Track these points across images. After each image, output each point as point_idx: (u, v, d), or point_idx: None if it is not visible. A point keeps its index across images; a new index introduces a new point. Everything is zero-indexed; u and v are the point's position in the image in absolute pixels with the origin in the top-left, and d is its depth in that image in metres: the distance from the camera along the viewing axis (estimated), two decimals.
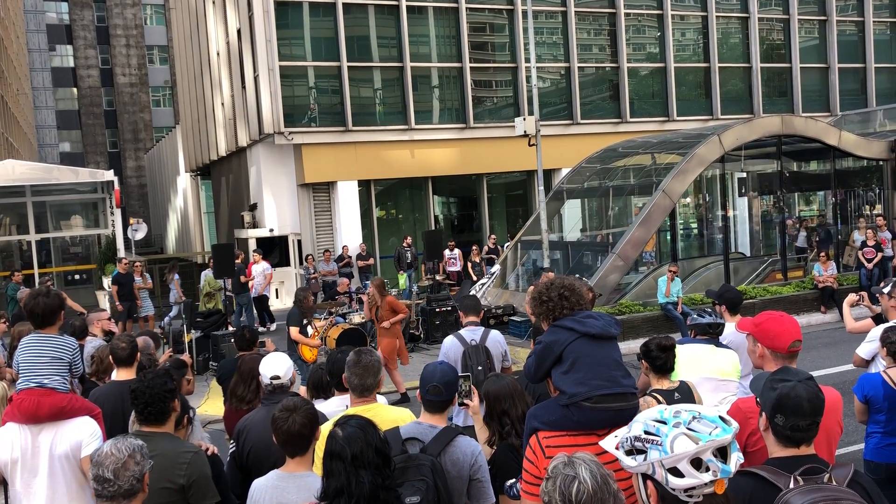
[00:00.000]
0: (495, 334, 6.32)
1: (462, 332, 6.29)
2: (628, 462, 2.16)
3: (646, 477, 2.15)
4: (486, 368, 6.02)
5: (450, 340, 6.24)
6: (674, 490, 2.08)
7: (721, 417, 2.14)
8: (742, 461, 2.15)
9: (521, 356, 12.68)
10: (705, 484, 2.06)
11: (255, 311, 17.30)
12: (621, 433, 2.24)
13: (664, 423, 2.13)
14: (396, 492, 2.85)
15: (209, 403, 10.73)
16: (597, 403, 3.07)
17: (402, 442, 3.41)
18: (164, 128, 53.99)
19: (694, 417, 2.12)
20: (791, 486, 2.43)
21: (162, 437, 3.72)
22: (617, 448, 2.21)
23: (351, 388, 4.03)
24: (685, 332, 13.37)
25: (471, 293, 16.78)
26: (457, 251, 19.51)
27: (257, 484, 3.40)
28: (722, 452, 2.09)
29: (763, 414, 2.67)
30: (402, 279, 19.80)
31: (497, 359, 6.21)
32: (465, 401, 3.98)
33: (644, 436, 2.14)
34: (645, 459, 2.11)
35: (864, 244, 16.26)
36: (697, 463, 2.06)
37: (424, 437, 3.46)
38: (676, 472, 2.07)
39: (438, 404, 3.60)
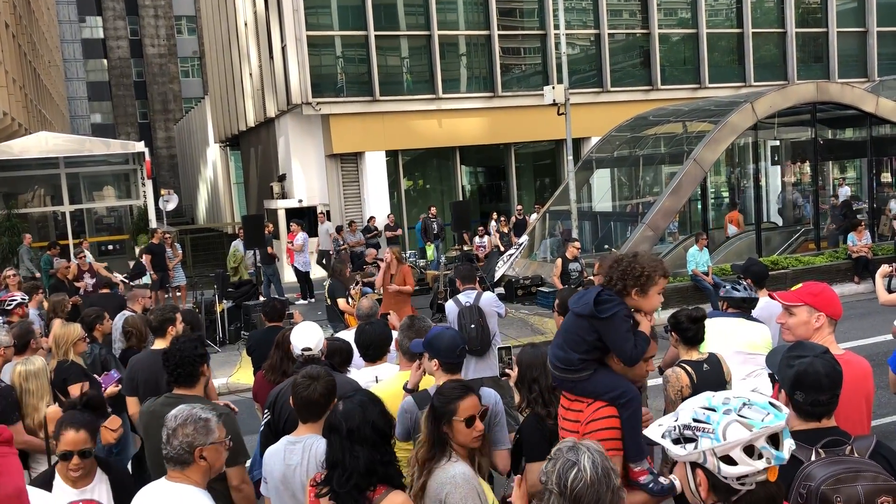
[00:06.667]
0: (488, 295, 7.25)
1: (458, 296, 7.23)
2: (676, 451, 2.08)
3: (695, 465, 2.09)
4: (479, 326, 6.88)
5: (449, 304, 7.24)
6: (726, 478, 2.03)
7: (771, 403, 2.07)
8: (794, 447, 2.08)
9: (548, 326, 12.70)
10: (759, 472, 2.01)
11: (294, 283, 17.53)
12: (666, 421, 2.15)
13: (713, 410, 2.06)
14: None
15: (240, 373, 10.92)
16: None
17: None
18: (193, 98, 54.25)
19: (744, 404, 2.05)
20: (813, 458, 2.44)
21: (193, 400, 3.81)
22: (663, 437, 2.12)
23: (402, 352, 4.35)
24: (715, 303, 13.32)
25: (498, 265, 16.81)
26: (486, 238, 19.12)
27: (270, 450, 3.59)
28: (773, 439, 2.02)
29: (782, 391, 2.66)
30: (430, 250, 19.84)
31: (490, 315, 7.03)
32: (507, 371, 4.08)
33: (693, 424, 2.06)
34: (695, 448, 2.04)
35: None
36: (750, 450, 2.00)
37: None
38: (729, 461, 2.01)
39: (460, 366, 3.92)
